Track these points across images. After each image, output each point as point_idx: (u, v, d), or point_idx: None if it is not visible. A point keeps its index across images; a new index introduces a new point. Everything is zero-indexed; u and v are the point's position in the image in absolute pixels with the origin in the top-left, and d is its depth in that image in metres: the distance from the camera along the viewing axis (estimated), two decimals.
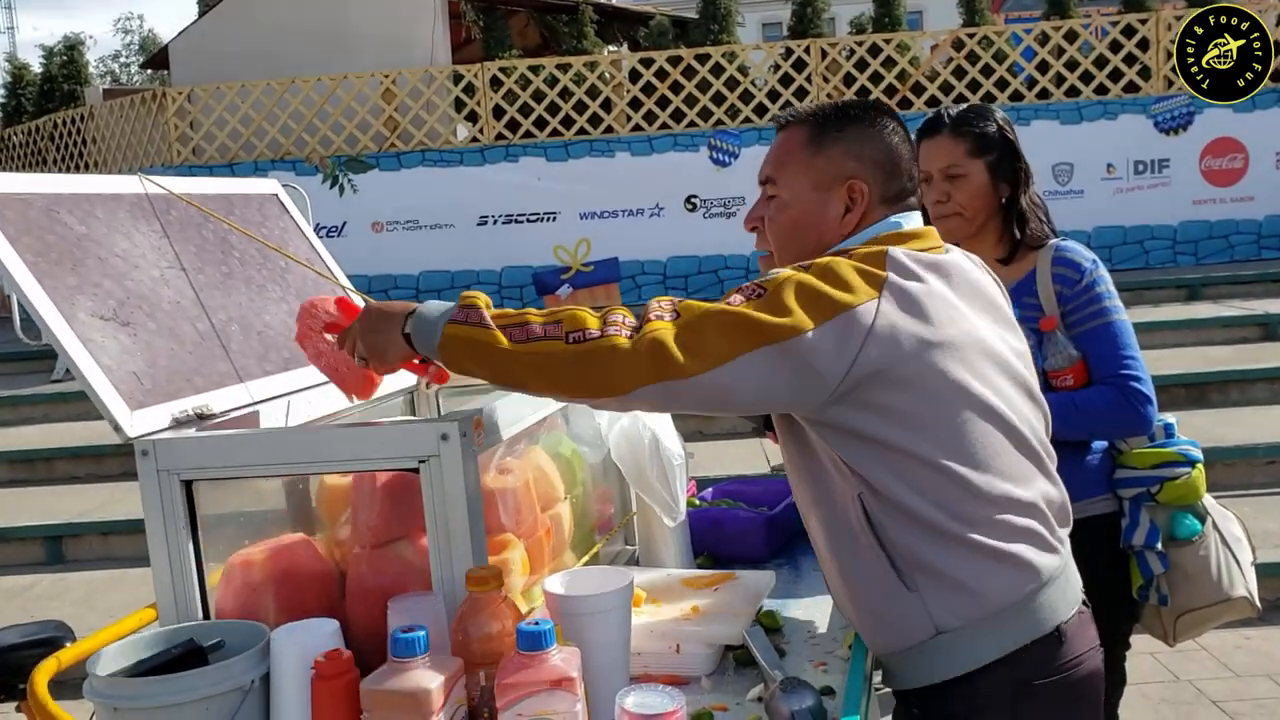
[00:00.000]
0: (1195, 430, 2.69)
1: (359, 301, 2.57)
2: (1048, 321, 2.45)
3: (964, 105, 2.68)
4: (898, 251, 1.65)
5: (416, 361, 1.78)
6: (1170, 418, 2.57)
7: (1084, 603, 1.79)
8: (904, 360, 1.58)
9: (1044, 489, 1.73)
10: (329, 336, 1.89)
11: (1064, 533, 1.77)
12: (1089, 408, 2.41)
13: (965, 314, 1.68)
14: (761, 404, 1.60)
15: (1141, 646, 2.67)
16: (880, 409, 1.59)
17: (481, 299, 1.66)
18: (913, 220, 1.78)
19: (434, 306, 1.68)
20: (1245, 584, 2.52)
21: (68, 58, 15.92)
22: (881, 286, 1.59)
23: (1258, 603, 2.54)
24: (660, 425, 2.35)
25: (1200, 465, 2.52)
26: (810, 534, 1.81)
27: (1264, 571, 4.66)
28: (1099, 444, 2.53)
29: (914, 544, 1.63)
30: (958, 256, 1.79)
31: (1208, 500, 2.56)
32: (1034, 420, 1.77)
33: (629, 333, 1.55)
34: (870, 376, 1.57)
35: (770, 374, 1.54)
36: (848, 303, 1.56)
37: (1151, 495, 2.47)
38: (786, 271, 1.60)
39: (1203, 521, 2.51)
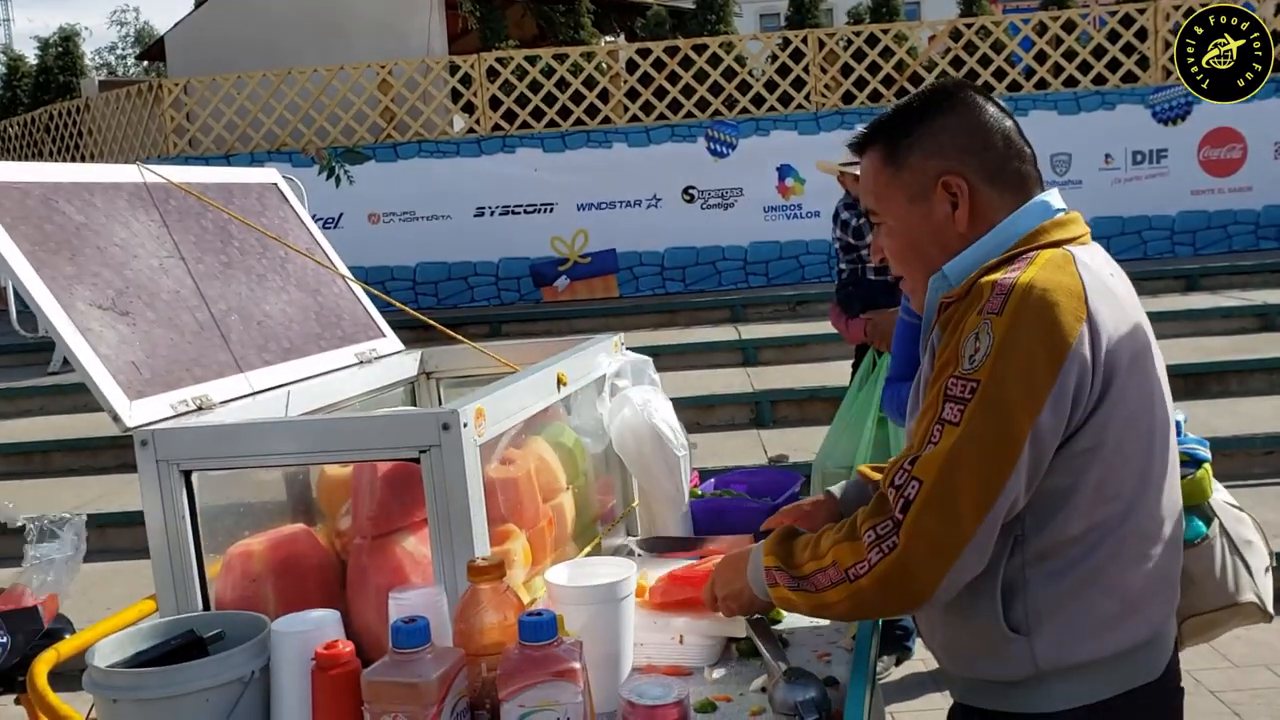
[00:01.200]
0: (1193, 420, 2.64)
1: (360, 293, 2.56)
2: None
3: None
4: (1080, 252, 1.56)
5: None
6: (1179, 415, 2.51)
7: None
8: (1115, 375, 1.48)
9: (1179, 520, 1.64)
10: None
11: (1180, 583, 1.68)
12: None
13: (1139, 316, 1.58)
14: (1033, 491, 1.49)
15: None
16: (1096, 436, 1.49)
17: (776, 550, 1.66)
18: (1056, 198, 1.67)
19: (756, 561, 1.72)
20: (1255, 589, 2.40)
21: (63, 49, 15.89)
22: (1085, 300, 1.48)
23: (1270, 609, 2.45)
24: (663, 416, 2.34)
25: (1208, 465, 2.44)
26: None
27: None
28: None
29: (1046, 585, 1.52)
30: (1096, 248, 1.68)
31: (1217, 501, 2.47)
32: (1175, 437, 1.66)
33: (891, 544, 1.46)
34: (1097, 402, 1.48)
35: (1032, 467, 1.45)
36: (1070, 343, 1.44)
37: None
38: (992, 339, 1.46)
39: (1209, 523, 2.44)
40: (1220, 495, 2.50)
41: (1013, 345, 1.44)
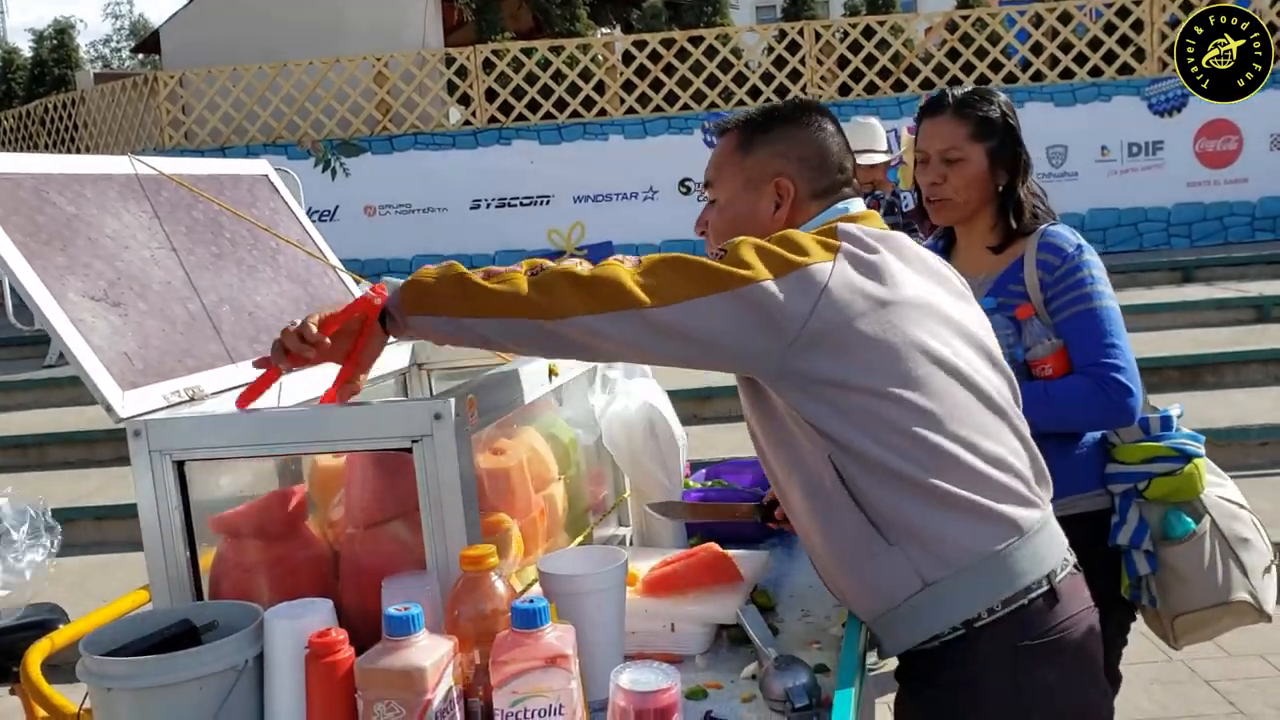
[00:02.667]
0: (1188, 412, 2.62)
1: (350, 283, 2.57)
2: (1024, 309, 2.38)
3: (968, 87, 2.62)
4: (849, 225, 1.73)
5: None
6: (1174, 409, 2.47)
7: (1075, 565, 1.79)
8: (860, 317, 1.63)
9: (1013, 445, 1.75)
10: None
11: (1042, 490, 1.79)
12: (1062, 398, 2.33)
13: (917, 281, 1.74)
14: (717, 348, 1.63)
15: (1135, 626, 2.65)
16: (840, 364, 1.63)
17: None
18: (857, 204, 1.85)
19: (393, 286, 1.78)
20: (1249, 587, 2.33)
21: (58, 42, 15.87)
22: (836, 251, 1.66)
23: (1267, 608, 2.39)
24: (659, 406, 2.34)
25: (1198, 461, 2.39)
26: (790, 510, 1.82)
27: None
28: (1090, 436, 2.45)
29: (889, 498, 1.65)
30: (902, 235, 1.84)
31: (1210, 497, 2.42)
32: (998, 383, 1.79)
33: (584, 270, 1.64)
34: (828, 332, 1.62)
35: (727, 318, 1.60)
36: (804, 261, 1.63)
37: (1140, 492, 2.38)
38: (744, 238, 1.68)
39: (1198, 520, 2.38)
40: (1216, 491, 2.46)
41: (759, 245, 1.66)
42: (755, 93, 10.75)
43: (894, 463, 1.64)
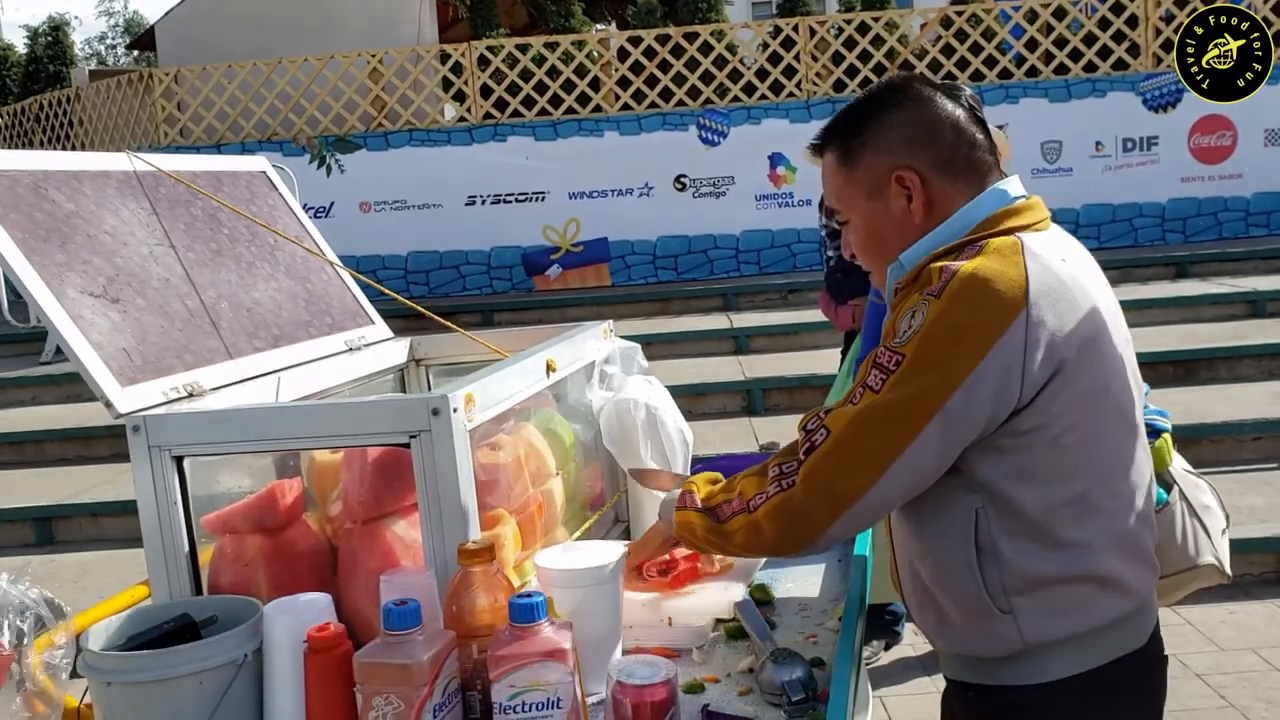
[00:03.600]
0: (1183, 407, 2.67)
1: (349, 280, 2.57)
2: None
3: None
4: (1030, 240, 1.57)
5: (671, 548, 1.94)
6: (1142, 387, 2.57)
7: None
8: (1062, 363, 1.51)
9: (1150, 492, 1.69)
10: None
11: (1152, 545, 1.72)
12: None
13: (1095, 301, 1.59)
14: (946, 467, 1.54)
15: None
16: (1038, 413, 1.52)
17: (700, 479, 1.77)
18: (1014, 186, 1.67)
19: (674, 494, 1.80)
20: (1214, 551, 2.50)
21: (53, 39, 15.83)
22: (1025, 290, 1.50)
23: (1228, 570, 2.54)
24: (660, 403, 2.35)
25: (1167, 435, 2.50)
26: (898, 537, 1.74)
27: (1250, 546, 4.76)
28: None
29: (1020, 560, 1.56)
30: (1065, 232, 1.72)
31: (1176, 469, 2.54)
32: (1141, 412, 1.70)
33: (790, 481, 1.53)
34: (1037, 390, 1.51)
35: (942, 444, 1.50)
36: (1001, 328, 1.48)
37: None
38: (923, 318, 1.51)
39: (1169, 490, 2.52)
40: (1179, 463, 2.58)
41: (941, 325, 1.49)
42: (750, 89, 10.75)
43: (1043, 521, 1.55)
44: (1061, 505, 1.55)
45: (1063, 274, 1.56)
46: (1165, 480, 2.52)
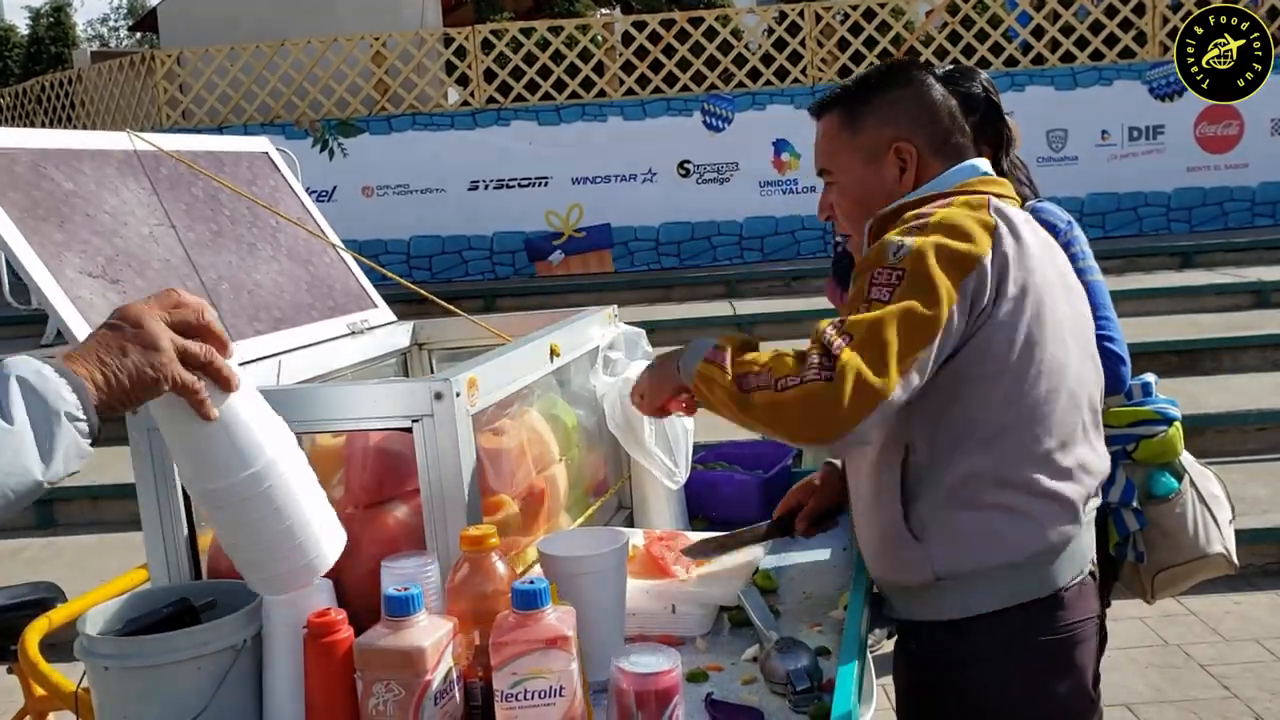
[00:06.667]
0: (1187, 397, 2.70)
1: (351, 263, 2.55)
2: None
3: (950, 66, 2.66)
4: (998, 202, 1.73)
5: (683, 397, 1.89)
6: (1149, 376, 2.59)
7: (1091, 572, 1.81)
8: (1003, 309, 1.65)
9: (1085, 455, 1.76)
10: None
11: (1093, 503, 1.80)
12: None
13: (1045, 272, 1.73)
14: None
15: (1130, 611, 2.68)
16: (974, 351, 1.65)
17: (734, 340, 1.76)
18: (984, 164, 1.83)
19: (701, 342, 1.80)
20: (1222, 541, 2.54)
21: (54, 20, 15.79)
22: (993, 234, 1.66)
23: (1235, 560, 2.57)
24: None
25: (1178, 424, 2.53)
26: (851, 471, 1.87)
27: (1254, 537, 4.75)
28: None
29: (936, 493, 1.69)
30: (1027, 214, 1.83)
31: (1186, 459, 2.57)
32: (1091, 384, 1.80)
33: (826, 373, 1.57)
34: (981, 323, 1.65)
35: (938, 353, 1.61)
36: (978, 255, 1.63)
37: (1128, 453, 2.49)
38: (914, 242, 1.63)
39: (1180, 479, 2.52)
40: (1187, 455, 2.61)
41: (931, 246, 1.63)
42: (755, 75, 10.70)
43: (964, 461, 1.67)
44: (980, 446, 1.67)
45: (1024, 234, 1.71)
46: (1176, 470, 2.55)
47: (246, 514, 1.40)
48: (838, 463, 2.14)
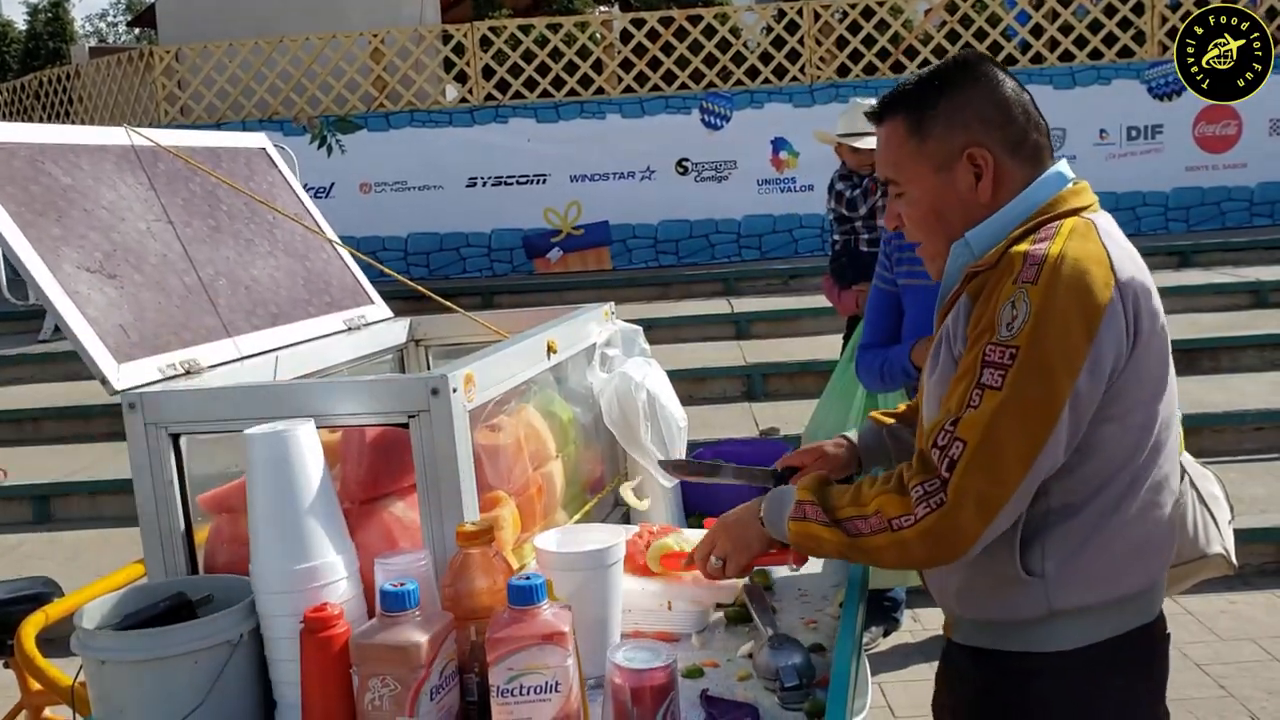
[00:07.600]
0: (1185, 396, 2.70)
1: (348, 259, 2.55)
2: None
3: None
4: (1098, 221, 1.63)
5: (773, 551, 1.83)
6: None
7: None
8: (1140, 345, 1.57)
9: (1177, 486, 1.73)
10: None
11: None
12: None
13: (1150, 281, 1.64)
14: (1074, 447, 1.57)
15: None
16: (1109, 396, 1.56)
17: (811, 486, 1.68)
18: (1068, 168, 1.72)
19: (777, 496, 1.76)
20: (1222, 542, 2.53)
21: (53, 15, 15.77)
22: (1111, 267, 1.55)
23: (1234, 560, 2.57)
24: (659, 387, 2.33)
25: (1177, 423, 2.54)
26: None
27: (1251, 536, 4.76)
28: None
29: (1065, 531, 1.60)
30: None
31: (1185, 458, 2.58)
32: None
33: (938, 500, 1.51)
34: (1125, 363, 1.56)
35: (1071, 429, 1.53)
36: (1102, 305, 1.52)
37: None
38: (1029, 304, 1.51)
39: (1180, 479, 2.53)
40: (1186, 455, 2.62)
41: (1050, 312, 1.50)
42: (753, 73, 10.70)
43: (1093, 495, 1.59)
44: (1118, 479, 1.59)
45: (1133, 253, 1.62)
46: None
47: None
48: (853, 436, 2.11)
